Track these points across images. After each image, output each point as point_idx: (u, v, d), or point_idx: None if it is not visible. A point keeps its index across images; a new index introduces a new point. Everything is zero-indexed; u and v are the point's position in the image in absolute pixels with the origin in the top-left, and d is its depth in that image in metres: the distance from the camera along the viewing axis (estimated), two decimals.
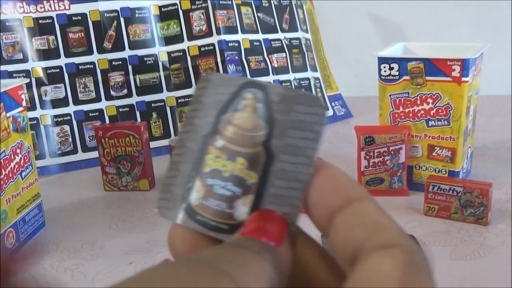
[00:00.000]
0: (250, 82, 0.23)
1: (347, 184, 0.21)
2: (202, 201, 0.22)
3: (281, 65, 1.15)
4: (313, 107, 0.22)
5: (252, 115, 0.22)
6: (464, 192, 0.70)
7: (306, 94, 0.22)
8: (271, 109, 0.22)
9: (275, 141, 0.22)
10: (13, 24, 1.00)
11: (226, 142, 0.22)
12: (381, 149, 0.79)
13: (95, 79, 1.04)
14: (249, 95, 0.22)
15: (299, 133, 0.21)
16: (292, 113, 0.22)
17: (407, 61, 0.78)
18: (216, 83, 0.23)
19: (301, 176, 0.21)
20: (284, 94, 0.22)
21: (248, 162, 0.22)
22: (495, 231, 0.69)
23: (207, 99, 0.23)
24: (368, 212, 0.20)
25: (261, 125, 0.22)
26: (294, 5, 1.20)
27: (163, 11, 1.08)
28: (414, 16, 1.39)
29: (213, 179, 0.22)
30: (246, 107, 0.22)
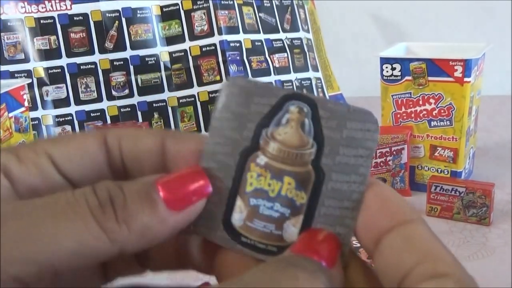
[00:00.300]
0: (295, 94, 0.21)
1: (398, 205, 0.20)
2: (247, 222, 0.21)
3: (283, 65, 1.15)
4: (366, 123, 0.21)
5: (299, 131, 0.21)
6: (466, 192, 0.70)
7: (359, 110, 0.21)
8: (320, 125, 0.20)
9: (326, 160, 0.21)
10: (14, 24, 1.00)
11: (270, 159, 0.21)
12: (383, 149, 0.79)
13: (97, 79, 1.04)
14: (295, 109, 0.21)
15: (351, 151, 0.20)
16: (344, 130, 0.20)
17: (409, 61, 0.78)
18: (250, 91, 0.21)
19: (354, 195, 0.20)
20: (335, 110, 0.21)
21: (297, 182, 0.21)
22: (498, 232, 0.69)
23: (241, 109, 0.21)
24: (419, 236, 0.19)
25: (309, 142, 0.21)
26: (295, 5, 1.20)
27: (165, 11, 1.08)
28: (416, 17, 1.39)
29: (258, 199, 0.21)
30: (291, 121, 0.21)
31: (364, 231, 0.20)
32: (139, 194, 0.20)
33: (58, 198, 0.19)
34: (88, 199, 0.19)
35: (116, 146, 0.23)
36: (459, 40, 0.93)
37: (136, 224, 0.19)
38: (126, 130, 0.24)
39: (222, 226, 0.21)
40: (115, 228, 0.19)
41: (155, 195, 0.20)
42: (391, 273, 0.19)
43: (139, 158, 0.23)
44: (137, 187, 0.20)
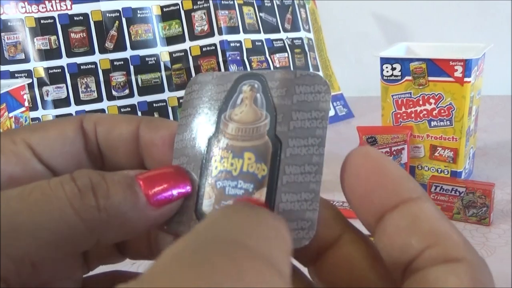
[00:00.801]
0: (245, 74, 0.22)
1: (400, 179, 0.19)
2: (215, 206, 0.21)
3: (283, 65, 1.15)
4: (315, 85, 0.21)
5: (252, 107, 0.21)
6: (466, 192, 0.70)
7: (306, 74, 0.21)
8: (271, 96, 0.21)
9: (280, 128, 0.21)
10: (15, 24, 1.00)
11: (230, 140, 0.21)
12: (383, 149, 0.79)
13: (97, 79, 1.04)
14: (247, 88, 0.21)
15: (304, 115, 0.20)
16: (294, 95, 0.20)
17: (409, 61, 0.78)
18: (208, 83, 0.22)
19: (314, 158, 0.20)
20: (282, 78, 0.21)
21: (256, 155, 0.21)
22: (498, 232, 0.69)
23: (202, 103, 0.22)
24: (426, 215, 0.18)
25: (262, 114, 0.21)
26: (296, 4, 1.20)
27: (165, 11, 1.08)
28: (416, 16, 1.39)
29: (223, 180, 0.21)
30: (245, 100, 0.21)
31: (364, 207, 0.19)
32: (121, 185, 0.20)
33: (32, 188, 0.19)
34: (65, 187, 0.19)
35: (93, 131, 0.23)
36: (459, 40, 0.93)
37: (116, 214, 0.19)
38: (102, 116, 0.24)
39: (194, 216, 0.21)
40: (95, 216, 0.19)
41: (136, 188, 0.20)
42: (396, 255, 0.18)
43: (114, 145, 0.23)
44: (119, 178, 0.20)
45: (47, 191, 0.19)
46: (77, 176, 0.19)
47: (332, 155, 0.96)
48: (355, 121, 1.16)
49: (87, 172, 0.20)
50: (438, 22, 1.37)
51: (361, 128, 0.80)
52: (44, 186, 0.19)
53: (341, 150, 1.15)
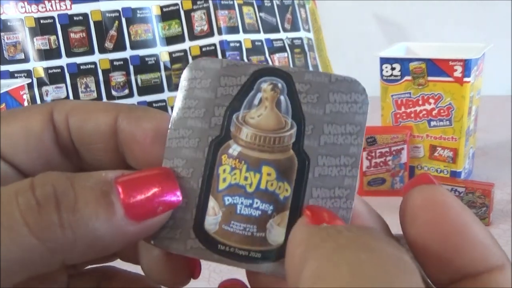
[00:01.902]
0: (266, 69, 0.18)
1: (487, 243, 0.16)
2: (223, 225, 0.18)
3: (283, 65, 1.15)
4: (352, 93, 0.18)
5: (274, 111, 0.18)
6: (466, 192, 0.70)
7: (343, 79, 0.18)
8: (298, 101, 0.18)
9: (309, 142, 0.18)
10: (14, 24, 1.00)
11: (244, 148, 0.18)
12: (383, 149, 0.79)
13: (97, 79, 1.04)
14: (267, 86, 0.18)
15: (338, 128, 0.17)
16: (327, 104, 0.17)
17: (409, 61, 0.78)
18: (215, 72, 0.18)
19: (346, 180, 0.17)
20: (314, 82, 0.18)
21: (278, 171, 0.18)
22: (497, 232, 0.69)
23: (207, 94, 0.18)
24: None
25: (287, 122, 0.18)
26: (296, 4, 1.20)
27: (165, 11, 1.08)
28: (416, 16, 1.39)
29: (234, 196, 0.18)
30: (265, 101, 0.18)
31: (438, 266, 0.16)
32: (94, 194, 0.16)
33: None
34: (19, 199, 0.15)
35: (64, 123, 0.20)
36: (459, 40, 0.93)
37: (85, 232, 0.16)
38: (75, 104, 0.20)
39: (193, 234, 0.18)
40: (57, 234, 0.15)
41: (113, 197, 0.16)
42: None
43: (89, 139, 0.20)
44: (92, 184, 0.16)
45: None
46: (38, 183, 0.16)
47: None
48: None
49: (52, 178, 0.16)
50: (438, 22, 1.37)
51: None
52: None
53: None
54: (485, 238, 0.16)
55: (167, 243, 0.18)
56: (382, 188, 0.80)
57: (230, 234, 0.18)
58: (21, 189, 0.16)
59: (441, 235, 0.16)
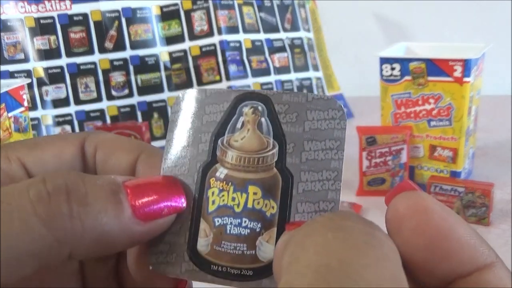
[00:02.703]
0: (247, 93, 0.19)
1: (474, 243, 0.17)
2: (214, 246, 0.19)
3: (283, 65, 1.15)
4: (329, 110, 0.18)
5: (256, 133, 0.18)
6: (466, 192, 0.70)
7: (318, 97, 0.18)
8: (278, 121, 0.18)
9: (291, 159, 0.18)
10: (14, 24, 1.00)
11: (230, 170, 0.19)
12: (382, 149, 0.79)
13: (96, 79, 1.04)
14: (248, 110, 0.19)
15: (318, 144, 0.18)
16: (306, 122, 0.18)
17: (408, 61, 0.78)
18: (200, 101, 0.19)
19: (330, 194, 0.18)
20: (292, 102, 0.18)
21: (263, 190, 0.18)
22: (497, 232, 0.69)
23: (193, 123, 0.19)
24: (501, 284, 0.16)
25: (269, 142, 0.18)
26: (296, 4, 1.20)
27: (164, 11, 1.08)
28: (416, 16, 1.39)
29: (223, 217, 0.18)
30: (247, 124, 0.19)
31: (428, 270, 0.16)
32: (104, 191, 0.17)
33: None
34: (31, 191, 0.16)
35: (92, 155, 0.21)
36: (459, 40, 0.93)
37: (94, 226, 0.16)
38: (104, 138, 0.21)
39: (187, 257, 0.19)
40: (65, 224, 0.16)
41: (121, 196, 0.17)
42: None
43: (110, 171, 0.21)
44: (102, 183, 0.17)
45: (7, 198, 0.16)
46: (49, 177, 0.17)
47: None
48: (354, 121, 1.16)
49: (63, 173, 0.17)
50: (437, 22, 1.37)
51: (361, 128, 0.80)
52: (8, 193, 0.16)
53: None
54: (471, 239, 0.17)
55: (164, 267, 0.19)
56: (382, 188, 0.80)
57: (222, 254, 0.18)
58: (32, 182, 0.16)
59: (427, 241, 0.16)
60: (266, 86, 1.11)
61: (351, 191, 0.82)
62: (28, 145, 0.21)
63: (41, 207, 0.16)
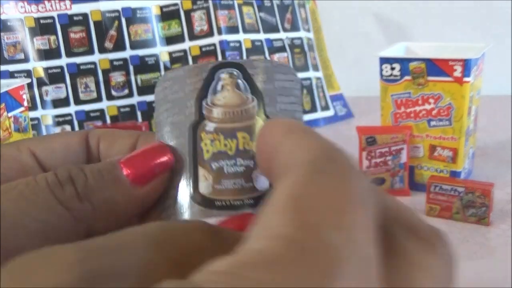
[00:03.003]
0: (221, 63, 0.22)
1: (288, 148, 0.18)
2: (215, 186, 0.21)
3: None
4: (289, 74, 0.22)
5: (236, 92, 0.22)
6: (466, 192, 0.70)
7: (281, 65, 0.22)
8: (253, 81, 0.22)
9: (269, 109, 0.22)
10: (14, 24, 1.00)
11: (218, 123, 0.22)
12: (382, 149, 0.79)
13: (96, 79, 1.04)
14: (225, 75, 0.22)
15: (286, 99, 0.22)
16: (275, 81, 0.22)
17: (408, 61, 0.78)
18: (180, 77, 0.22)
19: None
20: (261, 66, 0.22)
21: (250, 134, 0.21)
22: (497, 232, 0.69)
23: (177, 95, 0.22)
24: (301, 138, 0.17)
25: (248, 98, 0.22)
26: (296, 4, 1.20)
27: (164, 11, 1.08)
28: (416, 16, 1.39)
29: (219, 161, 0.21)
30: (226, 86, 0.22)
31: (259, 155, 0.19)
32: (101, 172, 0.20)
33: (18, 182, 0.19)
34: (48, 179, 0.19)
35: (96, 145, 0.24)
36: (459, 40, 0.93)
37: (101, 201, 0.20)
38: (105, 131, 0.25)
39: (192, 202, 0.21)
40: (78, 206, 0.19)
41: (117, 171, 0.20)
42: None
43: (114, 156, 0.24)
44: (99, 167, 0.21)
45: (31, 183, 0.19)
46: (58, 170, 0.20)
47: None
48: (354, 121, 1.16)
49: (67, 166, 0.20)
50: (437, 22, 1.37)
51: (361, 128, 0.80)
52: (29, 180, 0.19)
53: None
54: None
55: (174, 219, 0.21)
56: (382, 188, 0.80)
57: (223, 190, 0.21)
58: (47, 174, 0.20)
59: None
60: None
61: None
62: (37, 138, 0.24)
63: (57, 191, 0.19)
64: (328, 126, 1.15)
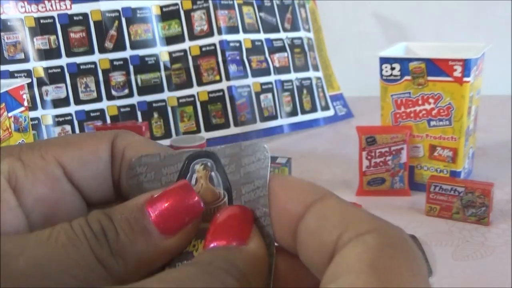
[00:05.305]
0: (196, 153, 0.21)
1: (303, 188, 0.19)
2: None
3: (283, 65, 1.15)
4: (256, 153, 0.21)
5: (209, 186, 0.21)
6: (465, 192, 0.70)
7: (249, 145, 0.21)
8: (224, 173, 0.21)
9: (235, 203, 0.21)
10: (14, 24, 1.00)
11: None
12: (382, 149, 0.79)
13: (97, 79, 1.04)
14: (199, 167, 0.21)
15: (250, 186, 0.21)
16: (241, 168, 0.21)
17: (408, 61, 0.78)
18: (157, 164, 0.21)
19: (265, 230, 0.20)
20: (231, 154, 0.21)
21: None
22: (497, 231, 0.69)
23: (154, 184, 0.21)
24: (333, 209, 0.18)
25: (220, 193, 0.21)
26: (296, 4, 1.20)
27: (164, 11, 1.08)
28: (416, 16, 1.39)
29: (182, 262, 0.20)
30: (200, 179, 0.21)
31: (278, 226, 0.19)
32: (130, 223, 0.19)
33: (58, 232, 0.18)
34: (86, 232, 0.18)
35: (120, 153, 0.22)
36: (459, 40, 0.93)
37: (132, 256, 0.18)
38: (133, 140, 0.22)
39: None
40: (113, 263, 0.18)
41: (146, 222, 0.19)
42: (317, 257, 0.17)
43: None
44: (127, 215, 0.19)
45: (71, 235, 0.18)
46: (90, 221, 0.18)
47: (331, 155, 0.96)
48: (354, 121, 1.16)
49: (97, 215, 0.19)
50: (437, 22, 1.37)
51: (361, 128, 0.80)
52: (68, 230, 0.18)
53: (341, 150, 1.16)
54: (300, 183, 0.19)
55: None
56: (381, 188, 0.80)
57: None
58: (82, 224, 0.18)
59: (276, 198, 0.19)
60: (266, 86, 1.11)
61: (351, 191, 0.82)
62: (61, 143, 0.21)
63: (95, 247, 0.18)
64: (328, 126, 1.16)
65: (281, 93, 1.13)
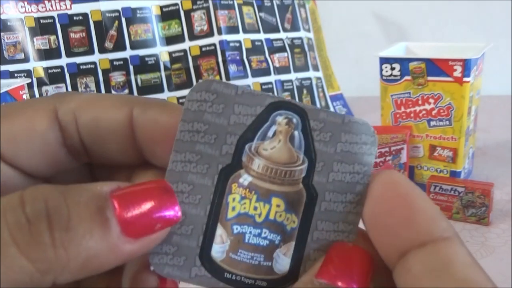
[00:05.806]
0: (282, 102, 0.18)
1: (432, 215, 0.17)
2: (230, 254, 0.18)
3: (283, 65, 1.15)
4: (362, 135, 0.19)
5: (287, 145, 0.18)
6: (465, 192, 0.70)
7: (355, 121, 0.19)
8: (311, 138, 0.18)
9: (318, 178, 0.18)
10: (14, 24, 1.00)
11: (255, 178, 0.18)
12: (382, 149, 0.79)
13: (97, 79, 1.04)
14: (283, 120, 0.18)
15: (346, 167, 0.18)
16: (339, 143, 0.18)
17: (408, 61, 0.78)
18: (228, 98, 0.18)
19: (350, 216, 0.18)
20: (328, 121, 0.18)
21: (286, 203, 0.18)
22: (497, 231, 0.69)
23: (218, 120, 0.18)
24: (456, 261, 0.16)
25: (299, 157, 0.18)
26: (296, 4, 1.20)
27: (164, 11, 1.08)
28: (416, 16, 1.39)
29: (243, 225, 0.18)
30: (279, 134, 0.18)
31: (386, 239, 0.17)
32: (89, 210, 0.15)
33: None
34: (8, 216, 0.14)
35: (72, 122, 0.18)
36: (459, 40, 0.93)
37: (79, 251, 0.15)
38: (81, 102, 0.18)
39: (199, 262, 0.18)
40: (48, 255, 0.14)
41: (108, 213, 0.15)
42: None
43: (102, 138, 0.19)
44: (86, 199, 0.15)
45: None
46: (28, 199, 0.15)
47: None
48: None
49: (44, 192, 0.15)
50: (437, 22, 1.37)
51: None
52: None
53: None
54: (431, 212, 0.17)
55: (169, 270, 0.18)
56: None
57: (237, 262, 0.18)
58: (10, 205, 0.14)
59: (389, 208, 0.17)
60: (266, 86, 1.11)
61: None
62: None
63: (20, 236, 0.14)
64: None
65: (281, 93, 1.13)
